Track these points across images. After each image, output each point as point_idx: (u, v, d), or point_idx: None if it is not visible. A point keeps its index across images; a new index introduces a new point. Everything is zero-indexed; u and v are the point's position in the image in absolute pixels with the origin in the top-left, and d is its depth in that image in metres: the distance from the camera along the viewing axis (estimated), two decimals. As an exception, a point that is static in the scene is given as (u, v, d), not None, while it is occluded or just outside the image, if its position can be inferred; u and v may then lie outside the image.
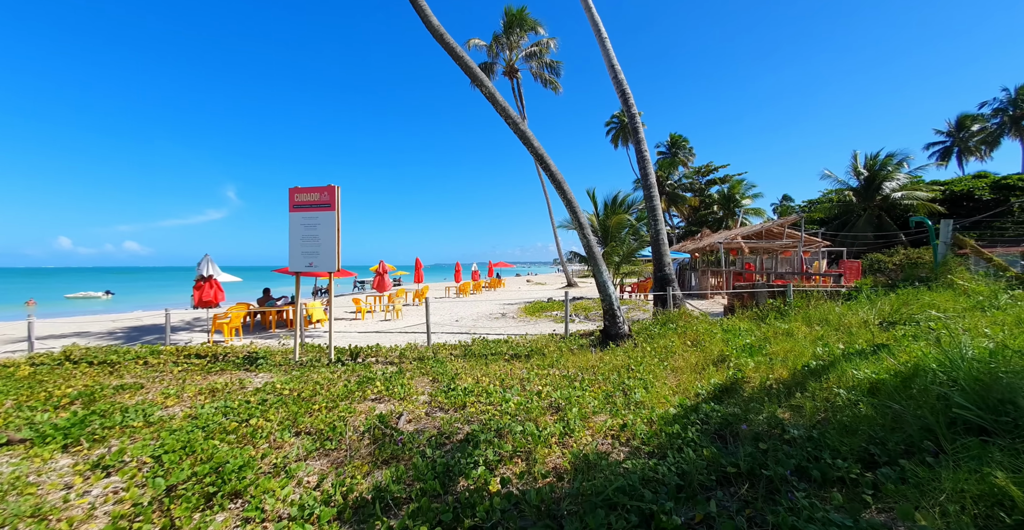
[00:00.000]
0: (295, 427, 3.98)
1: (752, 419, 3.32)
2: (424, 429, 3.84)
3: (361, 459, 3.32)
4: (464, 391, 4.84)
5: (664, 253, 9.25)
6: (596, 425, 3.63)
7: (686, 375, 4.85)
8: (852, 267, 15.76)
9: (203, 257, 9.94)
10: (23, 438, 3.83)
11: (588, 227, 6.75)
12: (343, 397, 4.85)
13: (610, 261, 16.47)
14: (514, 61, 26.23)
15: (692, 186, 41.92)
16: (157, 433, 3.84)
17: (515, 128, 6.38)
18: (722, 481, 2.63)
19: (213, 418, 4.14)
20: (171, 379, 6.03)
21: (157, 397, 5.10)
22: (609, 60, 9.11)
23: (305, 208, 7.75)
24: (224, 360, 7.38)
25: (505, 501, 2.50)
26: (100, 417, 4.26)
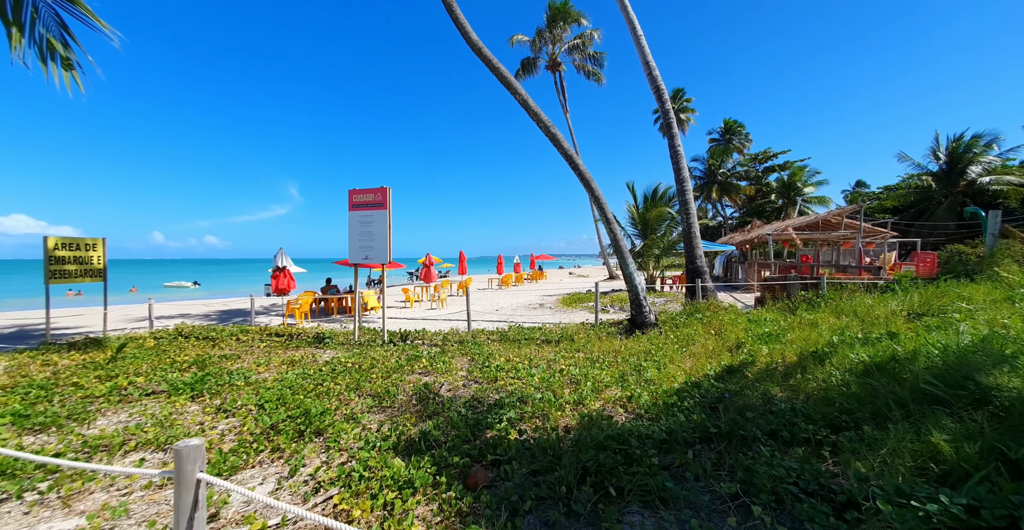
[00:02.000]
0: (358, 390, 4.86)
1: (747, 394, 3.70)
2: (460, 396, 4.56)
3: (410, 414, 4.10)
4: (496, 368, 5.52)
5: (695, 246, 9.35)
6: (607, 396, 4.16)
7: (701, 359, 5.20)
8: (927, 259, 14.56)
9: (278, 250, 11.42)
10: (162, 390, 5.03)
11: (615, 222, 7.13)
12: (395, 370, 5.71)
13: (650, 253, 16.50)
14: (557, 54, 26.34)
15: (747, 174, 39.70)
16: (256, 390, 4.87)
17: (546, 131, 6.88)
18: (704, 439, 3.09)
19: (296, 381, 5.14)
20: (259, 352, 7.27)
21: (251, 365, 6.26)
22: (644, 57, 9.27)
23: (361, 207, 8.77)
24: (298, 339, 8.62)
25: (520, 445, 3.14)
26: (213, 378, 5.41)
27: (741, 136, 42.06)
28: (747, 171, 39.49)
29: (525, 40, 26.36)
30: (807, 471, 2.38)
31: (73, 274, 8.66)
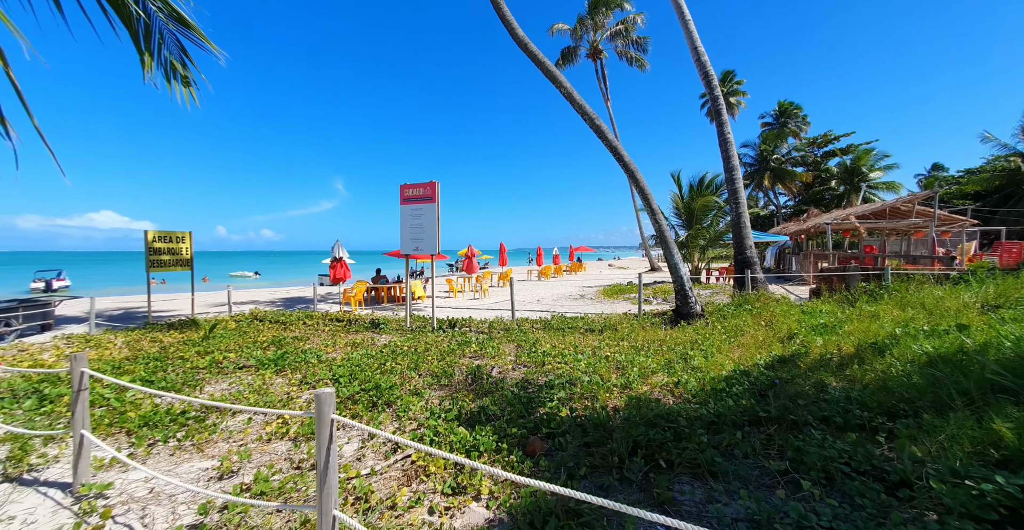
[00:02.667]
0: (417, 370, 5.30)
1: (798, 383, 3.73)
2: (511, 378, 4.87)
3: (466, 391, 4.46)
4: (543, 353, 5.79)
5: (745, 236, 9.08)
6: (653, 382, 4.31)
7: (750, 350, 5.18)
8: (1013, 249, 13.19)
9: (335, 242, 12.26)
10: (251, 365, 5.73)
11: (660, 213, 7.11)
12: (448, 353, 6.12)
13: (695, 244, 16.08)
14: (598, 42, 25.78)
15: (804, 159, 37.05)
16: (329, 366, 5.44)
17: (591, 123, 6.95)
18: (753, 423, 3.19)
19: (361, 360, 5.67)
20: (325, 335, 7.97)
21: (320, 346, 6.92)
22: (692, 42, 9.01)
23: (412, 201, 9.26)
24: (356, 324, 9.32)
25: (572, 421, 3.39)
26: (290, 356, 6.06)
27: (798, 119, 39.21)
28: (804, 156, 36.85)
29: (565, 29, 25.98)
30: (860, 453, 2.45)
31: (167, 263, 9.83)
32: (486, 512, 2.40)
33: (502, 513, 2.37)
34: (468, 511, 2.42)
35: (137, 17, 3.19)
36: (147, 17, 3.22)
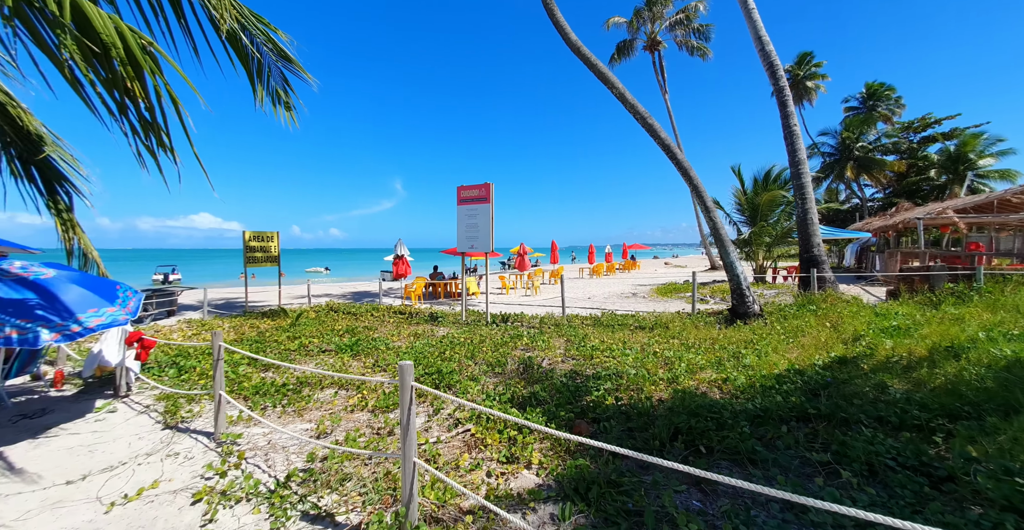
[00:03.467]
0: (474, 359, 5.76)
1: (856, 383, 3.64)
2: (560, 369, 5.16)
3: (518, 379, 4.82)
4: (592, 348, 6.00)
5: (812, 233, 8.53)
6: (701, 377, 4.38)
7: (809, 350, 5.02)
8: None
9: (397, 241, 13.23)
10: (331, 349, 6.55)
11: (715, 209, 6.96)
12: (501, 345, 6.53)
13: (759, 242, 15.22)
14: (656, 33, 24.98)
15: (897, 146, 33.01)
16: (396, 353, 6.08)
17: (643, 122, 6.99)
18: (800, 419, 3.22)
19: (423, 349, 6.25)
20: (391, 325, 8.76)
21: (387, 335, 7.67)
22: (756, 32, 8.62)
23: (468, 202, 9.81)
24: (416, 317, 10.09)
25: (616, 408, 3.62)
26: (363, 342, 6.82)
27: (890, 102, 34.96)
28: (896, 143, 32.83)
29: (621, 22, 25.45)
30: (909, 449, 2.46)
31: (260, 260, 11.28)
32: (536, 478, 2.74)
33: (550, 480, 2.69)
34: (520, 476, 2.77)
35: (252, 57, 3.91)
36: (260, 56, 3.93)
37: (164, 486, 2.65)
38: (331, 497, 2.53)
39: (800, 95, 33.37)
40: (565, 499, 2.42)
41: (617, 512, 2.26)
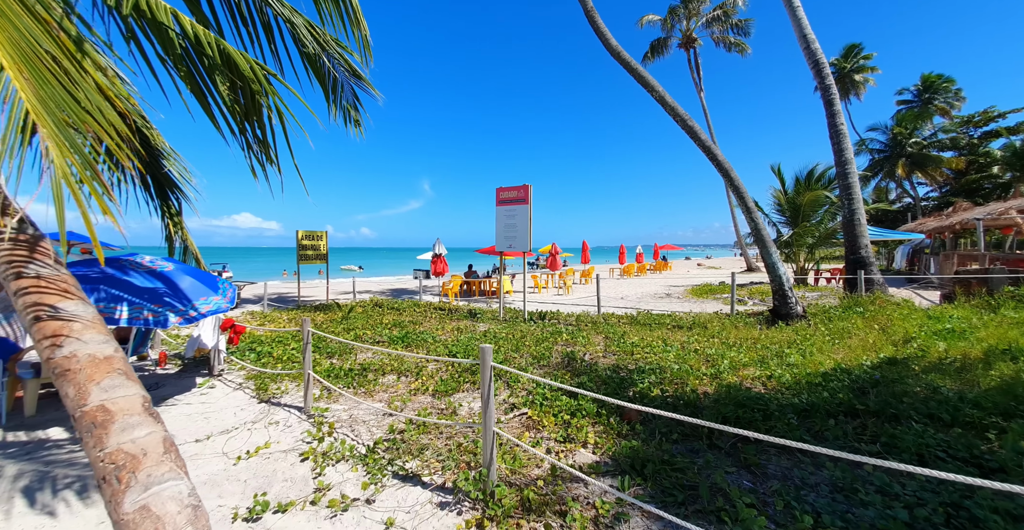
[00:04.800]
0: (518, 352, 6.08)
1: (907, 382, 3.69)
2: (602, 363, 5.38)
3: (563, 371, 5.09)
4: (632, 344, 6.19)
5: (859, 235, 8.32)
6: (744, 374, 4.51)
7: (856, 351, 5.03)
8: None
9: (436, 240, 13.76)
10: (383, 340, 7.04)
11: (756, 210, 6.96)
12: (543, 340, 6.81)
13: (801, 243, 14.79)
14: (692, 30, 24.55)
15: (955, 142, 30.83)
16: (444, 345, 6.48)
17: (683, 124, 7.08)
18: (848, 414, 3.33)
19: (469, 342, 6.61)
20: (434, 320, 9.23)
21: (431, 329, 8.11)
22: (801, 30, 8.49)
23: (507, 203, 10.15)
24: (455, 313, 10.52)
25: (662, 399, 3.84)
26: (411, 335, 7.28)
27: (948, 94, 32.71)
28: (954, 139, 30.68)
29: (656, 20, 25.17)
30: (960, 443, 2.57)
31: (310, 257, 12.06)
32: (593, 456, 3.01)
33: (606, 457, 2.95)
34: (578, 454, 3.05)
35: (329, 75, 4.39)
36: (335, 74, 4.40)
37: (275, 447, 3.11)
38: (414, 462, 2.90)
39: (846, 89, 31.80)
40: (623, 473, 2.68)
41: (673, 486, 2.50)
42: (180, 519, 1.40)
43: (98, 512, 2.41)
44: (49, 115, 1.17)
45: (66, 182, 1.16)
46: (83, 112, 1.30)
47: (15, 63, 1.15)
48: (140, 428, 1.53)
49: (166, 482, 1.46)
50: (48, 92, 1.21)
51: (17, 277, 1.63)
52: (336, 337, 4.15)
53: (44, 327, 1.60)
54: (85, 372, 1.56)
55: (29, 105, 1.13)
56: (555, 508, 2.35)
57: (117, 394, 1.57)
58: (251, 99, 3.06)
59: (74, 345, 1.60)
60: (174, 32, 2.53)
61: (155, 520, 1.37)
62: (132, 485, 1.41)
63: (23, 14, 1.23)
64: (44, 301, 1.62)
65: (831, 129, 8.44)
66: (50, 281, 1.67)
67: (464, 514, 2.37)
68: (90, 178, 1.25)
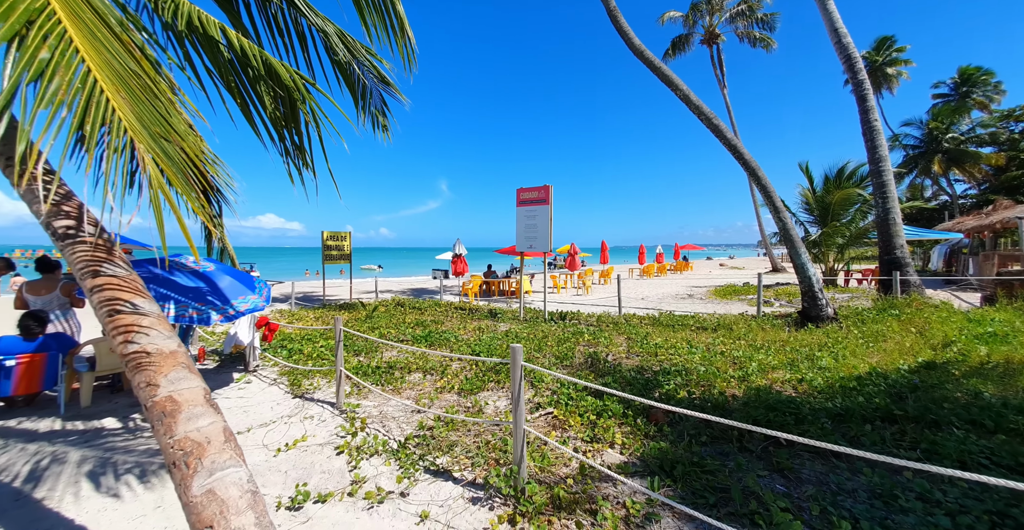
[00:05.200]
0: (540, 352, 6.11)
1: (947, 388, 3.57)
2: (625, 364, 5.37)
3: (587, 371, 5.10)
4: (655, 345, 6.14)
5: (894, 235, 8.01)
6: (774, 377, 4.43)
7: (892, 355, 4.87)
8: None
9: (456, 240, 13.91)
10: (407, 339, 7.18)
11: (784, 210, 6.80)
12: (564, 340, 6.81)
13: (830, 243, 14.33)
14: (715, 26, 24.06)
15: (995, 137, 29.27)
16: (467, 344, 6.57)
17: (708, 123, 6.98)
18: (885, 419, 3.24)
19: (491, 341, 6.68)
20: (455, 320, 9.34)
21: (452, 328, 8.22)
22: (832, 24, 8.24)
23: (527, 204, 10.19)
24: (476, 313, 10.62)
25: (689, 401, 3.81)
26: (434, 335, 7.40)
27: (987, 88, 31.09)
28: (994, 134, 29.12)
29: (677, 16, 24.77)
30: (1004, 449, 2.48)
31: (335, 257, 12.38)
32: (620, 456, 3.03)
33: (634, 458, 2.97)
34: (605, 454, 3.07)
35: (359, 81, 4.52)
36: (365, 80, 4.53)
37: (311, 440, 3.24)
38: (444, 458, 2.98)
39: (879, 83, 30.58)
40: (652, 474, 2.68)
41: (704, 488, 2.50)
42: (241, 503, 1.50)
43: (155, 496, 2.58)
44: (144, 130, 1.28)
45: (162, 191, 1.27)
46: (167, 125, 1.41)
47: (112, 84, 1.27)
48: (204, 418, 1.64)
49: (228, 468, 1.56)
50: (141, 109, 1.32)
51: (94, 276, 1.77)
52: (364, 335, 4.26)
53: (117, 321, 1.73)
54: (155, 365, 1.68)
55: (127, 123, 1.24)
56: (585, 506, 2.38)
57: (182, 386, 1.68)
58: (290, 107, 3.19)
59: (144, 339, 1.73)
60: (222, 45, 2.68)
61: (220, 503, 1.47)
62: (199, 470, 1.52)
63: (112, 39, 1.35)
64: (119, 297, 1.75)
65: (864, 125, 8.16)
66: (122, 280, 1.81)
67: (496, 509, 2.43)
68: (184, 187, 1.36)
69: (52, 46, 1.26)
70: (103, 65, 1.29)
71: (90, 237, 1.83)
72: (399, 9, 3.68)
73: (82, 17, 1.36)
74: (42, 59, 1.27)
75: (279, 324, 5.30)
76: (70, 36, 1.28)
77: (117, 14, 1.57)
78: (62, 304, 4.53)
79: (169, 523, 2.34)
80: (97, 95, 1.32)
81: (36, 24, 1.27)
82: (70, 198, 1.97)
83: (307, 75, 4.29)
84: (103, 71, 1.27)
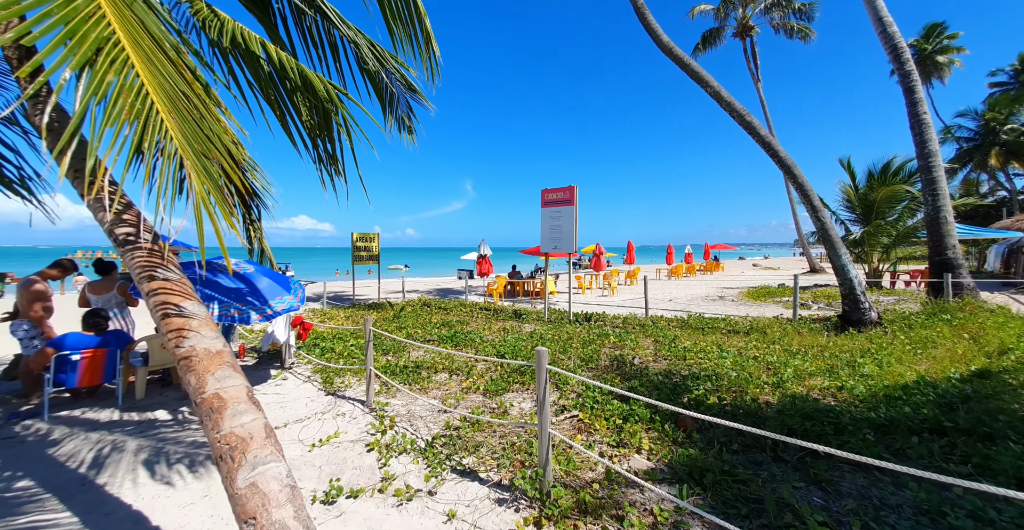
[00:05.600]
0: (565, 353, 6.09)
1: (1003, 399, 3.32)
2: (652, 368, 5.27)
3: (613, 374, 5.05)
4: (684, 349, 5.99)
5: (945, 234, 7.49)
6: (811, 384, 4.24)
7: (943, 363, 4.57)
8: None
9: (481, 241, 14.02)
10: (433, 339, 7.31)
11: (823, 209, 6.48)
12: (590, 342, 6.76)
13: (874, 242, 13.58)
14: (749, 18, 23.21)
15: (1064, 126, 26.81)
16: (492, 345, 6.62)
17: (740, 120, 6.74)
18: (935, 431, 3.05)
19: (516, 342, 6.71)
20: (480, 320, 9.43)
21: (478, 329, 8.30)
22: (876, 13, 7.78)
23: (552, 204, 10.16)
24: (501, 313, 10.68)
25: (720, 407, 3.71)
26: (460, 335, 7.50)
27: (1053, 72, 28.51)
28: (1063, 122, 26.67)
29: (708, 9, 24.04)
30: (1071, 469, 2.29)
31: (364, 258, 12.74)
32: (648, 462, 2.98)
33: (661, 464, 2.92)
34: (632, 459, 3.03)
35: (386, 89, 4.63)
36: (392, 88, 4.65)
37: (343, 437, 3.37)
38: (470, 458, 3.02)
39: (928, 73, 28.65)
40: (680, 482, 2.64)
41: (735, 497, 2.43)
42: (281, 497, 1.59)
43: (202, 485, 2.75)
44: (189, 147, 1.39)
45: (204, 205, 1.37)
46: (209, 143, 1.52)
47: (164, 105, 1.38)
48: (247, 415, 1.74)
49: (269, 463, 1.65)
50: (186, 128, 1.43)
51: (150, 280, 1.91)
52: (392, 335, 4.37)
53: (171, 323, 1.86)
54: (203, 364, 1.80)
55: (177, 142, 1.36)
56: (612, 512, 2.36)
57: (228, 384, 1.79)
58: (324, 117, 3.33)
59: (194, 339, 1.85)
60: (262, 60, 2.83)
61: (262, 496, 1.56)
62: (243, 464, 1.61)
63: (166, 62, 1.48)
64: (171, 301, 1.89)
65: (912, 118, 7.66)
66: (174, 284, 1.95)
67: (522, 511, 2.45)
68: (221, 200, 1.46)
69: (117, 70, 1.38)
70: (158, 87, 1.40)
71: (146, 243, 1.97)
72: (426, 24, 3.78)
73: (141, 43, 1.49)
74: (109, 83, 1.40)
75: (313, 323, 5.51)
76: (132, 62, 1.40)
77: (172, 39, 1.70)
78: (119, 303, 4.88)
79: (215, 511, 2.49)
80: (153, 116, 1.44)
81: (104, 51, 1.40)
82: (130, 207, 2.14)
83: (338, 84, 4.47)
84: (158, 93, 1.39)
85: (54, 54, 1.45)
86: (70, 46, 1.43)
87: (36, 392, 4.15)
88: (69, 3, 1.49)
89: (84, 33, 1.39)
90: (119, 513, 2.48)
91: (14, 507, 2.52)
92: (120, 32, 1.45)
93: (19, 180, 3.41)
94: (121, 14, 1.63)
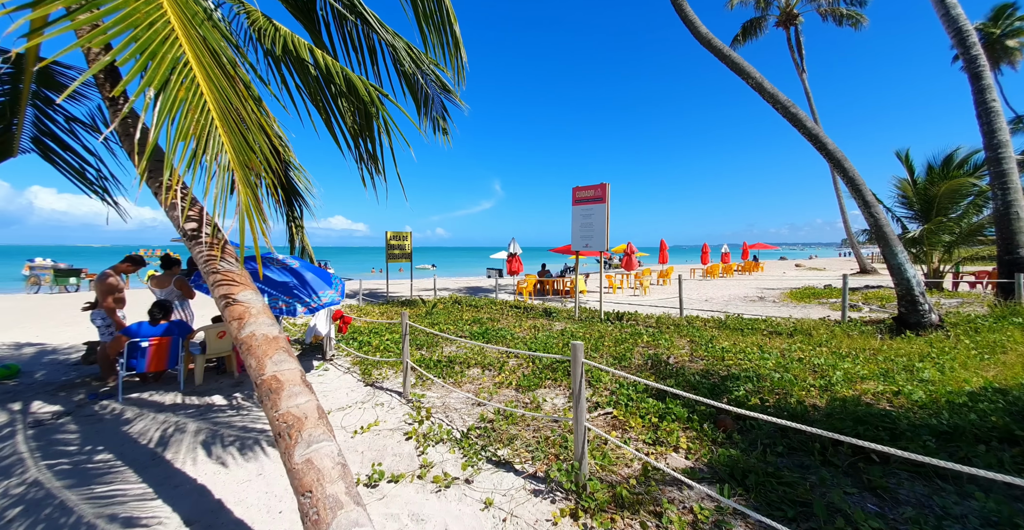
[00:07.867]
0: (597, 352, 6.03)
1: (1091, 410, 3.02)
2: (689, 368, 5.13)
3: (648, 373, 4.95)
4: (722, 349, 5.79)
5: (1017, 231, 6.82)
6: (863, 387, 4.00)
7: (1015, 369, 4.19)
8: None
9: (511, 239, 14.09)
10: (465, 336, 7.42)
11: (876, 205, 6.07)
12: (622, 341, 6.66)
13: (935, 240, 12.60)
14: (792, 6, 22.09)
15: None
16: (523, 342, 6.65)
17: (784, 112, 6.42)
18: (1005, 440, 2.81)
19: (547, 340, 6.70)
20: (511, 318, 9.49)
21: (509, 326, 8.36)
22: (934, -9, 7.23)
23: (583, 202, 10.08)
24: (531, 311, 10.70)
25: (762, 409, 3.57)
26: (491, 332, 7.58)
27: None
28: None
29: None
30: None
31: (397, 256, 13.11)
32: (686, 461, 2.92)
33: (701, 464, 2.85)
34: (670, 457, 2.98)
35: (421, 90, 4.75)
36: (427, 89, 4.76)
37: (382, 425, 3.50)
38: (505, 450, 3.07)
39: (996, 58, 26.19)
40: (721, 482, 2.57)
41: (780, 500, 2.34)
42: (334, 473, 1.68)
43: (255, 466, 2.94)
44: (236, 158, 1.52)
45: (245, 210, 1.50)
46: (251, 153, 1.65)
47: (221, 120, 1.52)
48: (301, 396, 1.85)
49: (322, 442, 1.76)
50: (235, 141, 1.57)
51: (214, 271, 2.08)
52: (426, 330, 4.49)
53: (232, 310, 2.01)
54: (262, 348, 1.93)
55: (231, 154, 1.49)
56: (649, 508, 2.34)
57: (284, 367, 1.92)
58: (365, 118, 3.47)
59: (253, 326, 1.99)
60: (310, 65, 2.99)
61: (316, 471, 1.66)
62: (299, 441, 1.72)
63: (222, 77, 1.61)
64: (232, 291, 2.04)
65: (979, 107, 7.04)
66: (235, 275, 2.10)
67: (558, 503, 2.46)
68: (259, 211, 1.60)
69: (187, 88, 1.53)
70: (215, 103, 1.54)
71: (207, 237, 2.13)
72: (455, 30, 3.87)
73: (203, 60, 1.63)
74: (180, 100, 1.54)
75: (352, 318, 5.75)
76: (198, 80, 1.55)
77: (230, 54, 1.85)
78: (179, 295, 5.28)
79: (269, 489, 2.66)
80: (213, 131, 1.58)
81: (176, 70, 1.55)
82: (195, 204, 2.32)
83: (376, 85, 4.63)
84: (216, 108, 1.52)
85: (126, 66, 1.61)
86: (151, 69, 1.58)
87: (111, 375, 4.56)
88: (150, 26, 1.65)
89: (162, 55, 1.54)
90: (186, 486, 2.70)
91: (97, 476, 2.80)
92: (189, 53, 1.59)
93: (99, 181, 3.77)
94: (189, 34, 1.78)
